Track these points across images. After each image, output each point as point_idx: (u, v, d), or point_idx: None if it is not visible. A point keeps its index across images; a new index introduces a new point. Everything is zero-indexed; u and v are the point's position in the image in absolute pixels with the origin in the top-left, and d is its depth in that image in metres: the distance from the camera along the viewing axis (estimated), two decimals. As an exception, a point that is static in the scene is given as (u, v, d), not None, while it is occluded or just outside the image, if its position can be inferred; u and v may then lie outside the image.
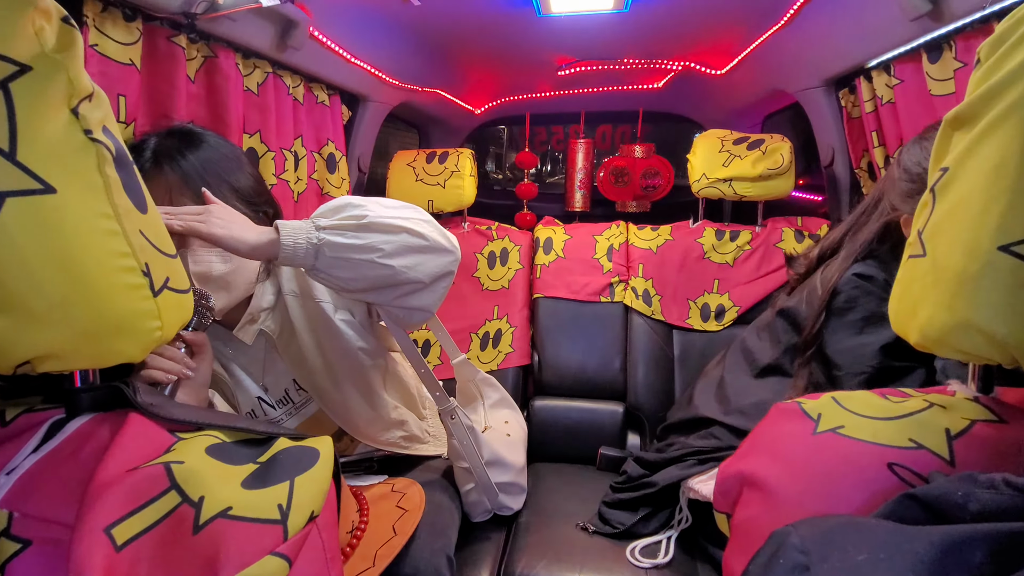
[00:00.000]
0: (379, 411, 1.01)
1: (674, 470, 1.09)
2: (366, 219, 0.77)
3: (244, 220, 0.76)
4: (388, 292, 0.81)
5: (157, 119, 0.94)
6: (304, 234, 0.74)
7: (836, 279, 0.99)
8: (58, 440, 0.44)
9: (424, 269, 0.81)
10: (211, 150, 0.82)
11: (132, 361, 0.46)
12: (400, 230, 0.79)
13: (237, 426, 0.50)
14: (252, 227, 0.75)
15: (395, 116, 1.85)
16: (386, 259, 0.77)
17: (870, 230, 1.01)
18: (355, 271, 0.77)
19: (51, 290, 0.39)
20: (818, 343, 0.99)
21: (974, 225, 0.42)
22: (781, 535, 0.39)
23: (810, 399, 0.58)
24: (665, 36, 1.59)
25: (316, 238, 0.74)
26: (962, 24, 0.99)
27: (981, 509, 0.35)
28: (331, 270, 0.76)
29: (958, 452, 0.47)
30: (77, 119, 0.42)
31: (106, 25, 0.83)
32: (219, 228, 0.72)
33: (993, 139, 0.42)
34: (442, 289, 0.86)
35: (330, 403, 0.96)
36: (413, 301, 0.83)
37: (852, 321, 0.96)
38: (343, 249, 0.75)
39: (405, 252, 0.79)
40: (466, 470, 1.06)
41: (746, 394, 1.11)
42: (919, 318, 0.47)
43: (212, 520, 0.40)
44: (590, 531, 1.12)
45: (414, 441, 1.11)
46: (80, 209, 0.41)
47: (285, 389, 0.98)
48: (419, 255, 0.80)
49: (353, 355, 0.96)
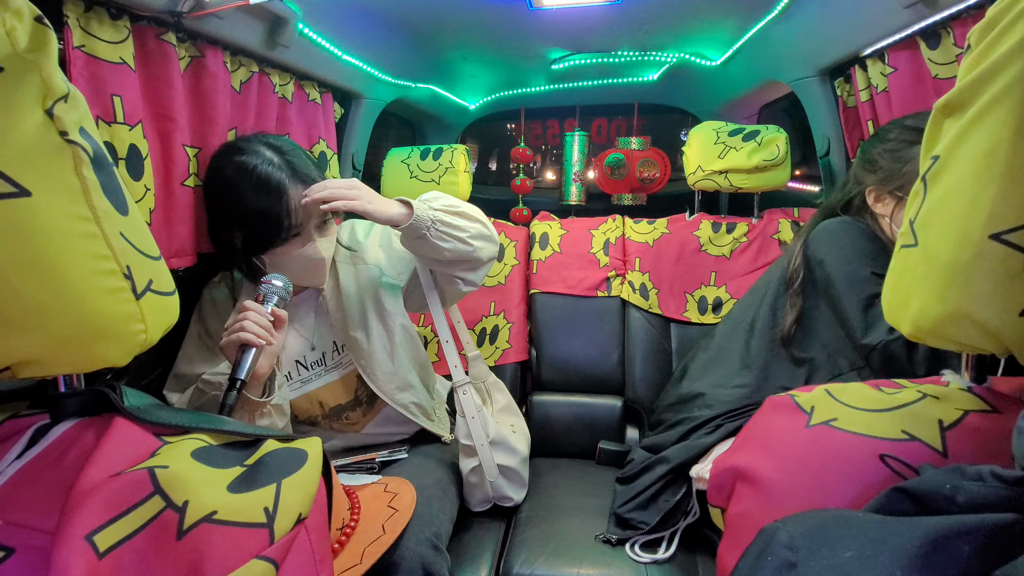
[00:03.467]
0: (398, 369, 1.15)
1: (687, 444, 1.10)
2: (460, 208, 1.05)
3: (379, 195, 1.00)
4: (459, 265, 1.07)
5: (157, 119, 0.94)
6: (425, 211, 0.98)
7: (807, 226, 1.14)
8: (42, 446, 0.44)
9: (485, 252, 1.08)
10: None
11: (116, 366, 0.45)
12: (477, 220, 1.07)
13: (224, 429, 0.50)
14: (388, 201, 0.99)
15: (389, 112, 1.84)
16: (471, 239, 1.04)
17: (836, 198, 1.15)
18: (450, 244, 1.01)
19: (27, 295, 0.38)
20: (801, 276, 1.09)
21: (965, 213, 0.42)
22: (769, 531, 0.39)
23: (803, 391, 0.57)
24: (659, 27, 1.58)
25: (432, 215, 0.98)
26: (957, 10, 0.98)
27: (969, 501, 0.35)
28: (436, 240, 0.99)
29: (951, 443, 0.46)
30: (52, 120, 0.41)
31: (92, 25, 0.81)
32: (369, 204, 0.95)
33: (983, 126, 0.42)
34: (486, 270, 1.13)
35: (360, 353, 1.11)
36: (471, 275, 1.11)
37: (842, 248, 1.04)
38: (449, 226, 1.01)
39: (479, 237, 1.06)
40: (470, 447, 1.10)
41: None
42: (911, 309, 0.47)
43: (196, 525, 0.40)
44: (613, 542, 1.07)
45: (422, 413, 1.19)
46: (56, 212, 0.40)
47: (323, 352, 1.13)
48: (485, 241, 1.08)
49: (387, 316, 1.14)
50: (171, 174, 0.97)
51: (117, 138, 0.85)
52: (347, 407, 1.15)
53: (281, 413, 0.98)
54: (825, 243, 1.05)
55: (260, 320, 0.86)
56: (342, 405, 1.14)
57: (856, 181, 1.10)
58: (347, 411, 1.15)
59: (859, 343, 0.96)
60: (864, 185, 1.07)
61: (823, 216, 1.14)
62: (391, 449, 1.16)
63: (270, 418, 0.95)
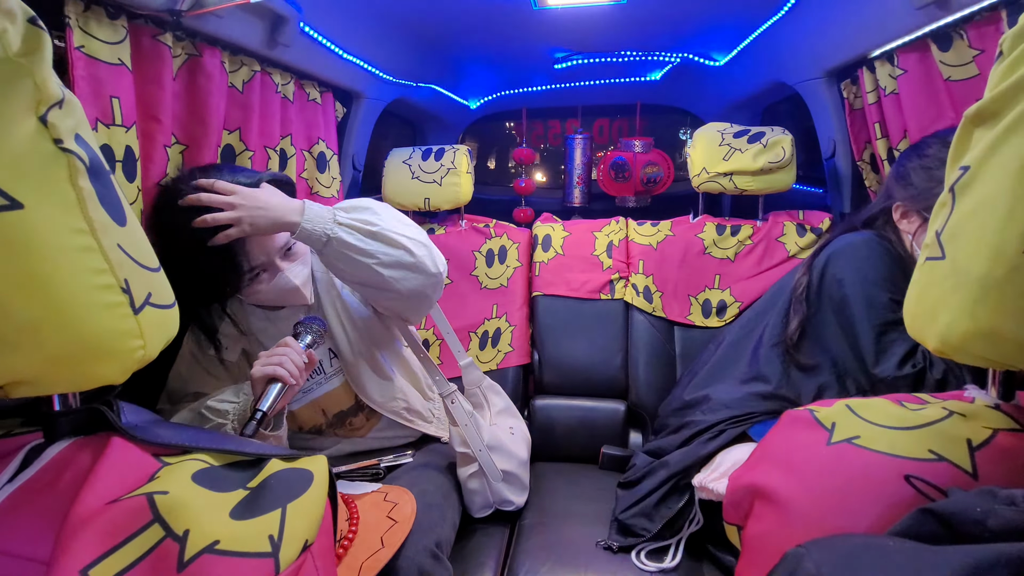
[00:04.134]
0: (385, 379, 1.12)
1: (688, 450, 1.08)
2: (377, 227, 0.89)
3: (269, 198, 0.87)
4: (373, 292, 0.96)
5: (145, 120, 0.92)
6: (323, 222, 0.86)
7: (827, 239, 1.11)
8: (35, 468, 0.42)
9: (406, 284, 0.94)
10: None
11: (113, 383, 0.43)
12: (399, 246, 0.91)
13: (226, 448, 0.48)
14: (278, 205, 0.86)
15: (389, 112, 1.82)
16: (380, 267, 0.90)
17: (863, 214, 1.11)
18: (352, 267, 0.89)
19: (19, 313, 0.36)
20: (813, 286, 1.07)
21: (999, 227, 0.40)
22: (795, 559, 0.38)
23: (823, 406, 0.56)
24: (663, 27, 1.56)
25: (331, 230, 0.86)
26: (970, 12, 0.96)
27: (1001, 527, 0.33)
28: (333, 260, 0.88)
29: (980, 464, 0.45)
30: (46, 127, 0.39)
31: (90, 24, 0.79)
32: (249, 225, 0.84)
33: (1018, 136, 0.40)
34: (417, 303, 1.01)
35: (348, 366, 1.08)
36: (394, 307, 0.99)
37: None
38: (348, 247, 0.87)
39: (395, 266, 0.91)
40: (466, 455, 1.08)
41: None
42: (938, 324, 0.45)
43: (198, 556, 0.38)
44: (615, 548, 1.06)
45: (417, 417, 1.17)
46: (51, 225, 0.38)
47: (319, 360, 1.08)
48: (406, 271, 0.93)
49: (363, 329, 1.09)
50: (149, 173, 0.94)
51: (115, 140, 0.83)
52: (350, 412, 1.13)
53: (279, 443, 0.96)
54: (847, 261, 1.02)
55: (297, 360, 0.84)
56: (345, 411, 1.12)
57: (886, 194, 1.07)
58: (350, 416, 1.13)
59: (868, 371, 0.95)
60: (893, 200, 1.04)
61: (845, 229, 1.11)
62: (395, 454, 1.15)
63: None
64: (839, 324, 1.02)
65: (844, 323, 1.01)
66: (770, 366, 1.11)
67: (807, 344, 1.07)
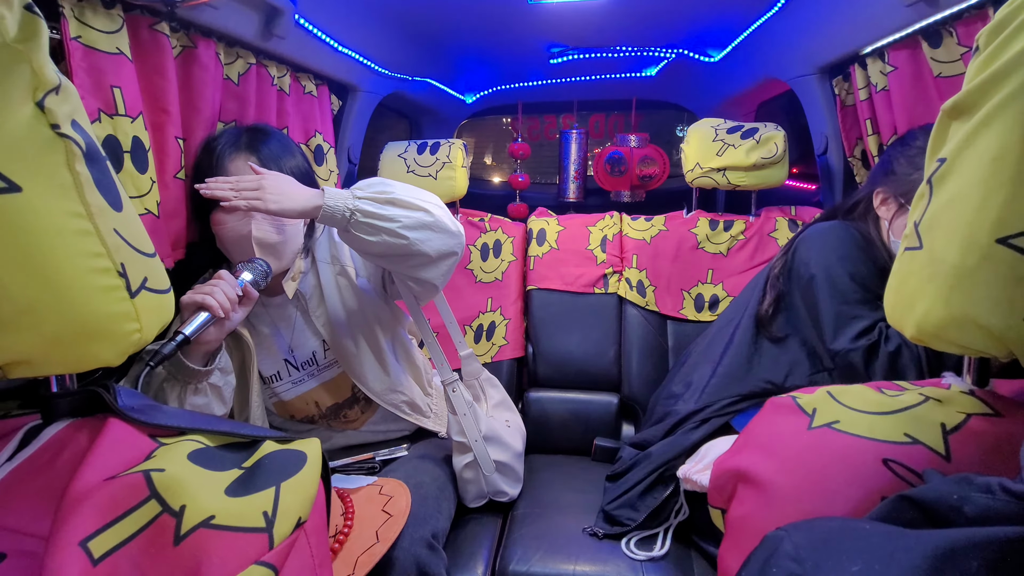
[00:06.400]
0: (388, 373, 1.13)
1: (671, 440, 1.11)
2: (392, 195, 0.92)
3: (293, 189, 0.91)
4: (401, 261, 0.96)
5: (153, 111, 0.92)
6: (343, 200, 0.89)
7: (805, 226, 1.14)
8: (33, 448, 0.43)
9: (432, 245, 0.94)
10: (276, 143, 1.03)
11: (110, 366, 0.44)
12: (418, 208, 0.93)
13: (221, 429, 0.49)
14: (301, 194, 0.90)
15: (385, 106, 1.82)
16: (404, 230, 0.91)
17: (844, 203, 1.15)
18: (378, 236, 0.90)
19: (18, 294, 0.37)
20: (786, 267, 1.10)
21: (972, 218, 0.41)
22: (774, 540, 0.39)
23: (805, 393, 0.57)
24: (658, 23, 1.57)
25: (352, 204, 0.89)
26: (959, 9, 0.98)
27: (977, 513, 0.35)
28: (360, 232, 0.90)
29: (953, 447, 0.46)
30: (43, 113, 0.40)
31: (86, 14, 0.79)
32: (273, 203, 0.87)
33: (992, 129, 0.41)
34: (446, 267, 1.00)
35: (347, 357, 1.09)
36: (422, 273, 0.98)
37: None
38: (371, 216, 0.89)
39: (419, 227, 0.92)
40: (463, 444, 1.09)
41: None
42: (915, 312, 0.47)
43: (194, 530, 0.39)
44: (600, 536, 1.09)
45: (416, 411, 1.18)
46: (48, 208, 0.39)
47: (312, 351, 1.10)
48: (429, 231, 0.94)
49: (371, 318, 1.10)
50: (164, 167, 0.95)
51: (120, 131, 0.83)
52: (344, 405, 1.14)
53: (219, 396, 0.94)
54: (813, 245, 1.06)
55: (228, 291, 0.85)
56: (339, 404, 1.13)
57: (870, 183, 1.10)
58: (345, 409, 1.14)
59: (826, 347, 0.98)
60: (875, 187, 1.06)
61: (823, 217, 1.15)
62: (391, 447, 1.16)
63: (205, 397, 0.91)
64: (804, 303, 1.06)
65: (808, 302, 1.04)
66: (745, 348, 1.13)
67: (779, 319, 1.11)
